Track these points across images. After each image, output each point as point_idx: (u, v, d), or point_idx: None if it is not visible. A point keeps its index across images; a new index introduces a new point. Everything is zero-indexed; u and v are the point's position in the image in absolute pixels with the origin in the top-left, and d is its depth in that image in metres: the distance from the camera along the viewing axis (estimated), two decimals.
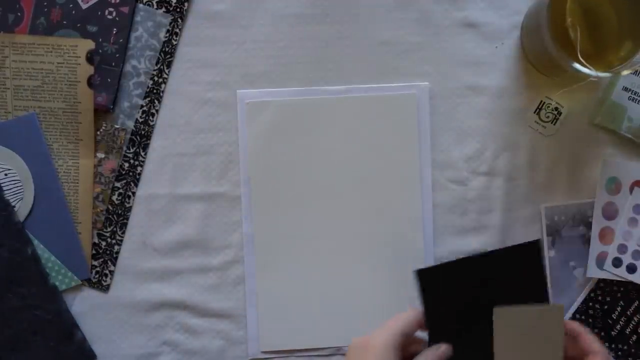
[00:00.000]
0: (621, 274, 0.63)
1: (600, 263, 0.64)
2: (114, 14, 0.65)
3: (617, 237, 0.64)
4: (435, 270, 0.54)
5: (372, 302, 0.64)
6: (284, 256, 0.65)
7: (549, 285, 0.63)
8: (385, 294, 0.64)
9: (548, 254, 0.64)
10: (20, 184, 0.65)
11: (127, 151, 0.66)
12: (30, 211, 0.65)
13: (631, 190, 0.64)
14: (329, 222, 0.64)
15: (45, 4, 0.64)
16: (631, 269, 0.63)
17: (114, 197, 0.66)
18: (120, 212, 0.66)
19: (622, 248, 0.64)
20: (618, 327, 0.65)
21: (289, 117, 0.65)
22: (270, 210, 0.65)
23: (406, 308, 0.54)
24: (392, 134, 0.64)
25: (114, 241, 0.66)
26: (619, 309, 0.65)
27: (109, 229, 0.66)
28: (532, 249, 0.54)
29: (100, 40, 0.65)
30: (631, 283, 0.64)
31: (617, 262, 0.64)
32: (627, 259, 0.63)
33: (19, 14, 0.65)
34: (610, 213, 0.64)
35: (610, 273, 0.64)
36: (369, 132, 0.64)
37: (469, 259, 0.54)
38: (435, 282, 0.54)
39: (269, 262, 0.65)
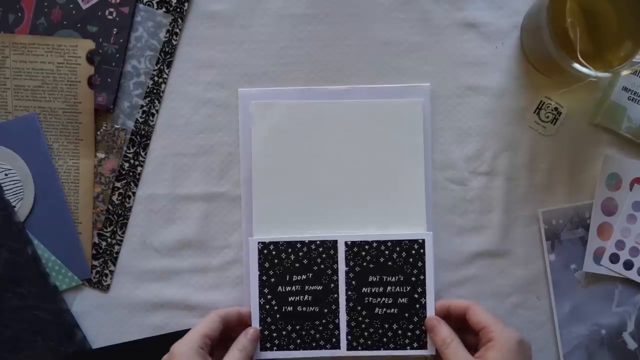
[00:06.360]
0: (618, 270, 0.64)
1: (597, 258, 0.64)
2: (114, 14, 0.65)
3: (615, 233, 0.64)
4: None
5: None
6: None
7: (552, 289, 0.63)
8: None
9: (548, 258, 0.64)
10: (20, 184, 0.64)
11: (127, 151, 0.66)
12: (31, 211, 0.65)
13: (631, 187, 0.64)
14: (330, 223, 0.64)
15: (45, 4, 0.64)
16: (628, 265, 0.63)
17: (114, 197, 0.66)
18: (120, 212, 0.66)
19: (620, 244, 0.64)
20: None
21: (294, 119, 0.64)
22: (271, 212, 0.65)
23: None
24: (397, 139, 0.64)
25: (114, 241, 0.66)
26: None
27: (109, 229, 0.66)
28: None
29: (101, 40, 0.65)
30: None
31: (614, 258, 0.64)
32: (624, 255, 0.64)
33: (19, 14, 0.65)
34: (609, 209, 0.64)
35: (607, 268, 0.64)
36: (373, 137, 0.64)
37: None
38: None
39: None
